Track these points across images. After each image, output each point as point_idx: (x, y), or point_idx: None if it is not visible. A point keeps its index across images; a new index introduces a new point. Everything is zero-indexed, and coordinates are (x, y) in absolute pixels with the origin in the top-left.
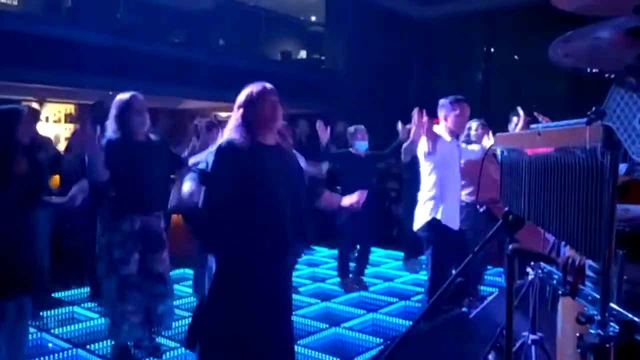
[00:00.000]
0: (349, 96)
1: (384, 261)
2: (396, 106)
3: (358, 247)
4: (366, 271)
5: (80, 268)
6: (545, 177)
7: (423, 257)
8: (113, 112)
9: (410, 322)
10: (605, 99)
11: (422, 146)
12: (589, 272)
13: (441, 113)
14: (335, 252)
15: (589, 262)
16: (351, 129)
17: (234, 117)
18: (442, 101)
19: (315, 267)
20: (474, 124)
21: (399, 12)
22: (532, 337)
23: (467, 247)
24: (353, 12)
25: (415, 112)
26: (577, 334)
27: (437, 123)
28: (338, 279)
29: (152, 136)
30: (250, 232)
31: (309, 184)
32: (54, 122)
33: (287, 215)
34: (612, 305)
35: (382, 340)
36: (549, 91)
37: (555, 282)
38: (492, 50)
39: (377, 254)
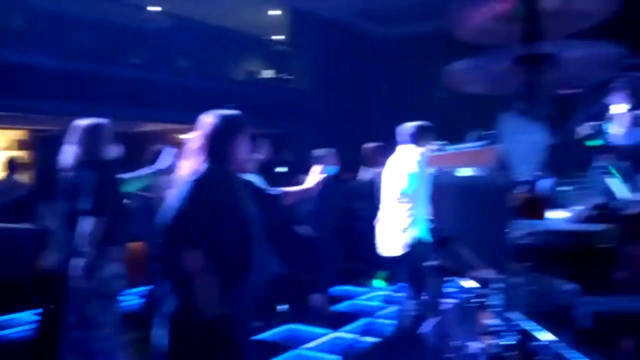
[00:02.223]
0: (316, 115)
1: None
2: (364, 123)
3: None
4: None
5: None
6: (458, 196)
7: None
8: (84, 139)
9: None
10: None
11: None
12: (498, 284)
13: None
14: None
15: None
16: (320, 152)
17: (201, 144)
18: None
19: None
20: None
21: (363, 30)
22: (474, 346)
23: None
24: (318, 30)
25: None
26: (485, 344)
27: None
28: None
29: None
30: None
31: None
32: (3, 149)
33: (257, 240)
34: (515, 315)
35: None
36: (511, 107)
37: (474, 295)
38: None
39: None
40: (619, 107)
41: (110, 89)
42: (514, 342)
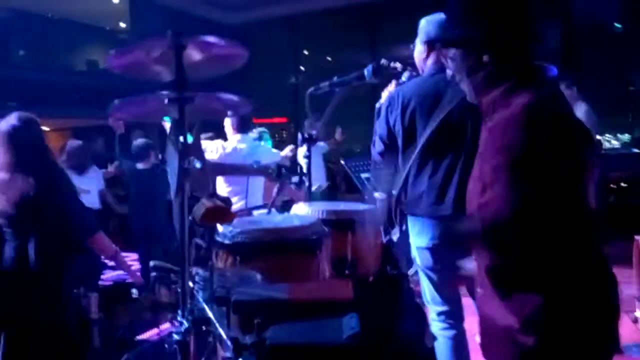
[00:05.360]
0: None
1: None
2: None
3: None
4: None
5: None
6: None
7: None
8: None
9: None
10: None
11: None
12: (193, 277)
13: None
14: None
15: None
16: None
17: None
18: None
19: None
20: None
21: (205, 18)
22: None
23: None
24: (159, 18)
25: None
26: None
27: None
28: None
29: None
30: None
31: None
32: None
33: None
34: (199, 304)
35: None
36: (362, 90)
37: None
38: (306, 52)
39: None
40: None
41: None
42: (187, 330)
